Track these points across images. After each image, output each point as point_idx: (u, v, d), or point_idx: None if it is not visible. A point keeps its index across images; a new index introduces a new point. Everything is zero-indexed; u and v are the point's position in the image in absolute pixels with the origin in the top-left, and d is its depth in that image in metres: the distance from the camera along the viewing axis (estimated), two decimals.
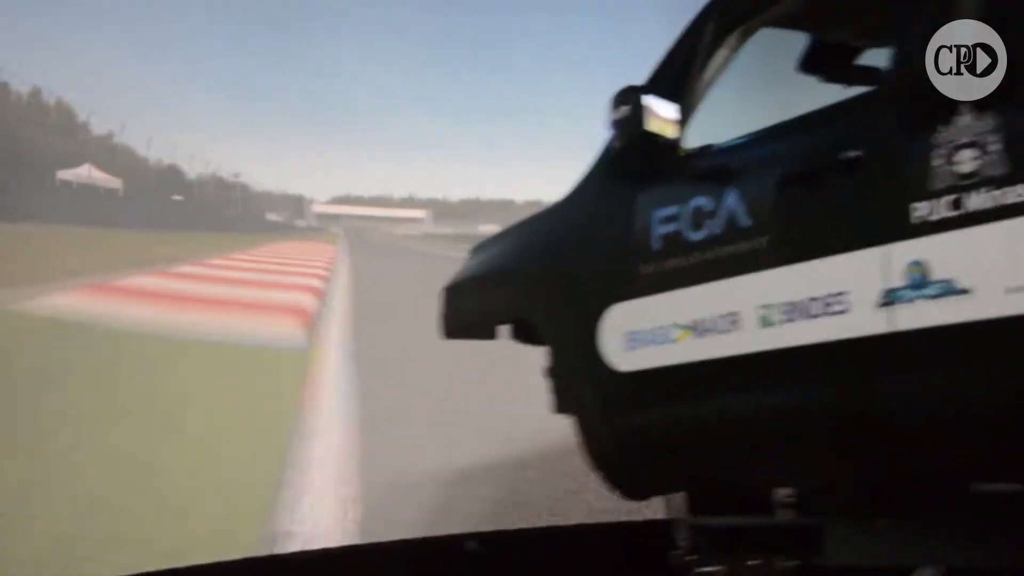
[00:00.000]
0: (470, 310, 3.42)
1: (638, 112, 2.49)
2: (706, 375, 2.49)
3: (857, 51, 3.16)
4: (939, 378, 2.01)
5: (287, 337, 8.91)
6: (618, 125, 2.55)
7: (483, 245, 3.58)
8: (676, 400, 2.60)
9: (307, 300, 13.09)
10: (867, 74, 3.08)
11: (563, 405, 3.22)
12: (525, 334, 3.42)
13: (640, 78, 2.69)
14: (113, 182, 35.27)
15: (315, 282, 16.66)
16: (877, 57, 3.12)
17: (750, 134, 2.56)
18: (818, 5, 2.76)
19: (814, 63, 3.13)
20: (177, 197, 41.99)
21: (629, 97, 2.51)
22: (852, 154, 2.14)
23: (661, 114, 2.55)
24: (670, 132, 2.57)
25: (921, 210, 1.98)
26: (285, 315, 10.70)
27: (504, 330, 3.44)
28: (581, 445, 2.92)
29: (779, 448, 2.41)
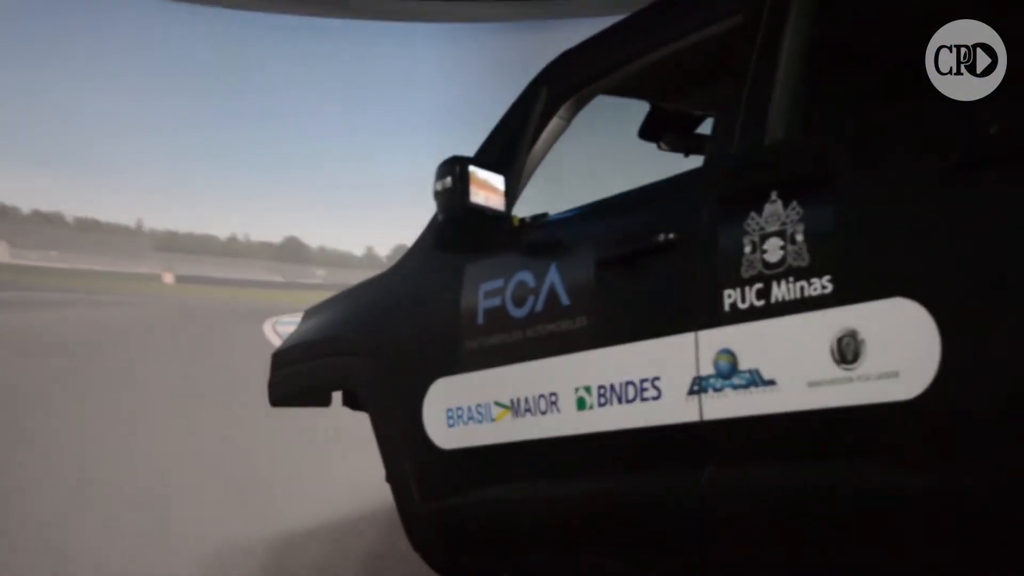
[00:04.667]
0: (300, 376, 3.26)
1: (462, 184, 2.39)
2: (524, 457, 2.39)
3: (699, 119, 3.15)
4: (745, 472, 1.95)
5: None
6: (440, 197, 2.44)
7: (316, 308, 3.43)
8: (495, 482, 2.49)
9: None
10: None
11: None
12: (356, 401, 3.30)
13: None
14: None
15: None
16: None
17: (577, 208, 2.49)
18: (652, 76, 2.72)
19: (655, 130, 3.11)
20: None
21: (452, 168, 2.41)
22: (667, 236, 2.09)
23: (488, 184, 2.46)
24: (496, 203, 2.48)
25: (732, 297, 1.93)
26: None
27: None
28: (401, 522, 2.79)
29: (598, 538, 2.31)
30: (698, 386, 1.99)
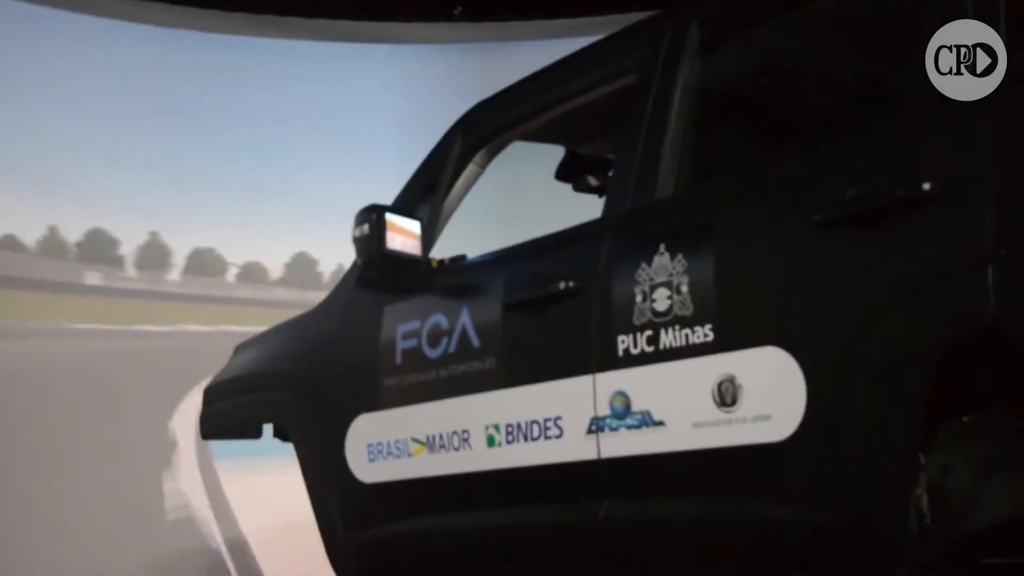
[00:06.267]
0: (231, 411, 3.34)
1: (379, 231, 2.49)
2: (440, 491, 2.51)
3: (612, 163, 3.29)
4: (640, 507, 2.09)
5: None
6: (359, 243, 2.54)
7: (247, 344, 3.52)
8: (413, 515, 2.60)
9: None
10: None
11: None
12: (286, 434, 3.38)
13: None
14: None
15: None
16: None
17: (490, 252, 2.62)
18: (562, 125, 2.86)
19: (570, 173, 3.25)
20: None
21: (370, 215, 2.51)
22: (570, 284, 2.22)
23: (405, 230, 2.57)
24: (413, 248, 2.59)
25: (625, 343, 2.07)
26: None
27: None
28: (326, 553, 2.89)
29: (509, 569, 2.44)
30: (596, 426, 2.12)
